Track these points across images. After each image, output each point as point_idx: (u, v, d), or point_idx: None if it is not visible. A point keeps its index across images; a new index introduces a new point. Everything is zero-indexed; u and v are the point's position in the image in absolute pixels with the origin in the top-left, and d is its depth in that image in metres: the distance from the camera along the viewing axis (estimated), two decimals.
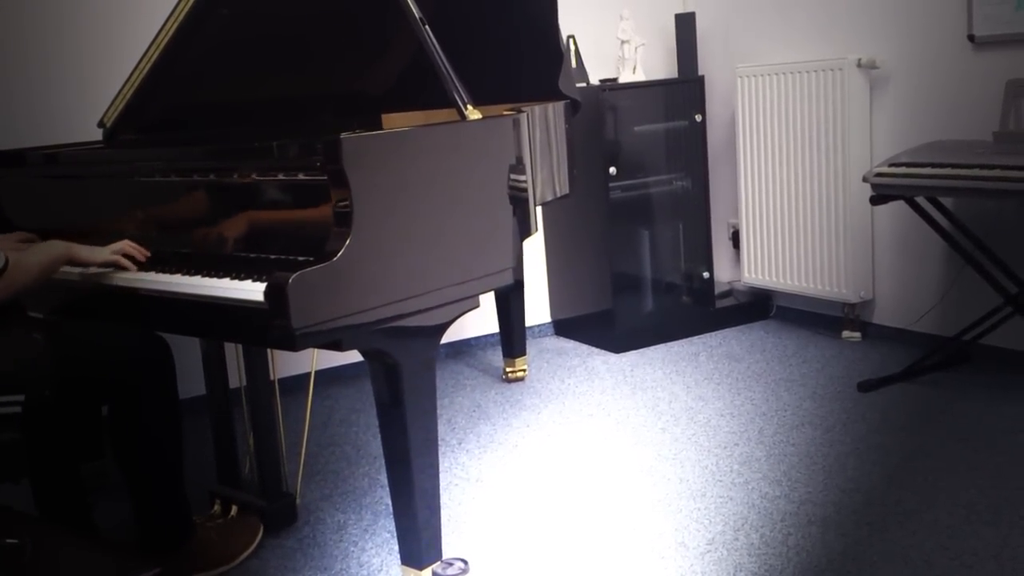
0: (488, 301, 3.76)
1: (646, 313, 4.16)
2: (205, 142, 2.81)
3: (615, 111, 3.93)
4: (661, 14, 4.33)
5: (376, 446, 3.12)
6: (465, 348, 4.18)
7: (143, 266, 2.21)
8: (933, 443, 2.83)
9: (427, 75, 2.33)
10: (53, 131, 3.07)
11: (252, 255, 2.10)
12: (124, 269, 2.19)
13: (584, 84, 3.97)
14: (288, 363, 3.38)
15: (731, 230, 4.38)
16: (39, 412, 2.05)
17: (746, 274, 4.19)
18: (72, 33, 3.30)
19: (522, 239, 2.43)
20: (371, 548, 2.49)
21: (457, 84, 2.28)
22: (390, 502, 2.23)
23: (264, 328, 1.86)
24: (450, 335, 2.74)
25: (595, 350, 4.05)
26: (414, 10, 2.29)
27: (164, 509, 2.31)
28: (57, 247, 2.18)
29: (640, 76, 4.06)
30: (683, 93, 4.08)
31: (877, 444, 2.86)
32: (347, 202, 1.91)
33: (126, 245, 2.22)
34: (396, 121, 3.12)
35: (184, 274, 2.12)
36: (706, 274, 4.22)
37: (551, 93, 2.95)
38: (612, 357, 3.93)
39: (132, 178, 2.37)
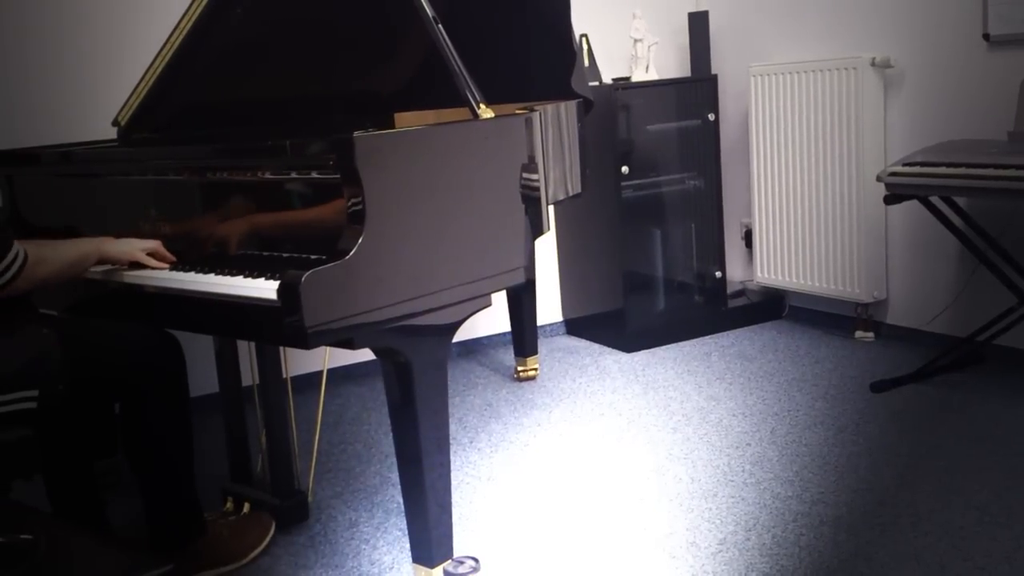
0: (500, 300, 3.76)
1: (658, 312, 4.15)
2: (218, 140, 2.82)
3: (628, 110, 3.92)
4: (674, 13, 4.32)
5: (388, 444, 3.13)
6: (477, 347, 4.18)
7: None
8: (946, 444, 2.82)
9: (440, 74, 2.33)
10: (68, 130, 3.08)
11: (265, 253, 2.11)
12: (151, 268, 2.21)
13: (597, 83, 3.97)
14: (300, 361, 3.39)
15: (744, 229, 4.37)
16: (53, 409, 2.06)
17: (758, 274, 4.18)
18: (87, 32, 3.31)
19: (534, 238, 2.43)
20: (382, 546, 2.49)
21: (470, 83, 2.28)
22: (401, 500, 2.23)
23: (277, 326, 1.86)
24: (462, 334, 2.74)
25: (607, 349, 4.05)
26: (427, 9, 2.29)
27: (175, 506, 2.32)
28: (88, 244, 2.19)
29: (653, 75, 4.05)
30: (696, 92, 4.08)
31: (889, 445, 2.85)
32: (360, 200, 1.91)
33: (158, 247, 2.23)
34: (408, 120, 3.13)
35: (197, 272, 2.13)
36: (718, 273, 4.21)
37: (564, 92, 2.95)
38: (624, 356, 3.93)
39: (146, 176, 2.38)
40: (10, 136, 3.02)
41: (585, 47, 3.96)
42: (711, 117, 4.09)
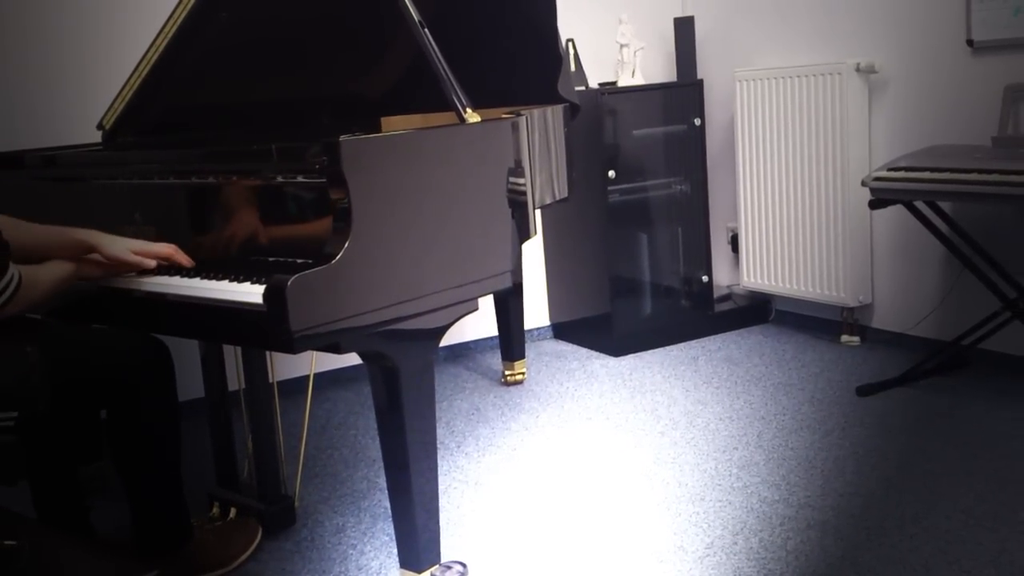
0: (487, 304, 3.76)
1: (645, 317, 4.16)
2: (204, 144, 2.81)
3: (614, 115, 3.93)
4: (660, 18, 4.33)
5: (375, 449, 3.12)
6: (464, 351, 4.18)
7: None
8: (932, 448, 2.83)
9: (426, 78, 2.33)
10: (52, 133, 3.07)
11: (251, 257, 2.10)
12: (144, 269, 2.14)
13: (583, 87, 3.98)
14: (287, 366, 3.39)
15: (730, 234, 4.39)
16: (37, 416, 2.04)
17: (745, 278, 4.19)
18: (71, 35, 3.30)
19: (521, 242, 2.43)
20: (369, 551, 2.49)
21: (456, 87, 2.28)
22: (389, 505, 2.23)
23: (263, 330, 1.85)
24: (449, 338, 2.75)
25: (594, 353, 4.05)
26: (413, 13, 2.29)
27: (162, 512, 2.30)
28: (66, 267, 2.10)
29: (639, 80, 4.06)
30: (682, 97, 4.09)
31: (875, 448, 2.86)
32: (346, 204, 1.91)
33: (144, 246, 2.13)
34: (395, 124, 3.12)
35: (183, 276, 2.12)
36: (705, 278, 4.22)
37: (550, 96, 2.96)
38: (611, 360, 3.93)
39: (130, 180, 2.37)
40: (10, 138, 3.00)
41: (571, 52, 3.97)
42: (697, 122, 4.10)
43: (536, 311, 4.29)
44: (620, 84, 4.05)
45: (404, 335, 2.06)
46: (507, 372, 3.74)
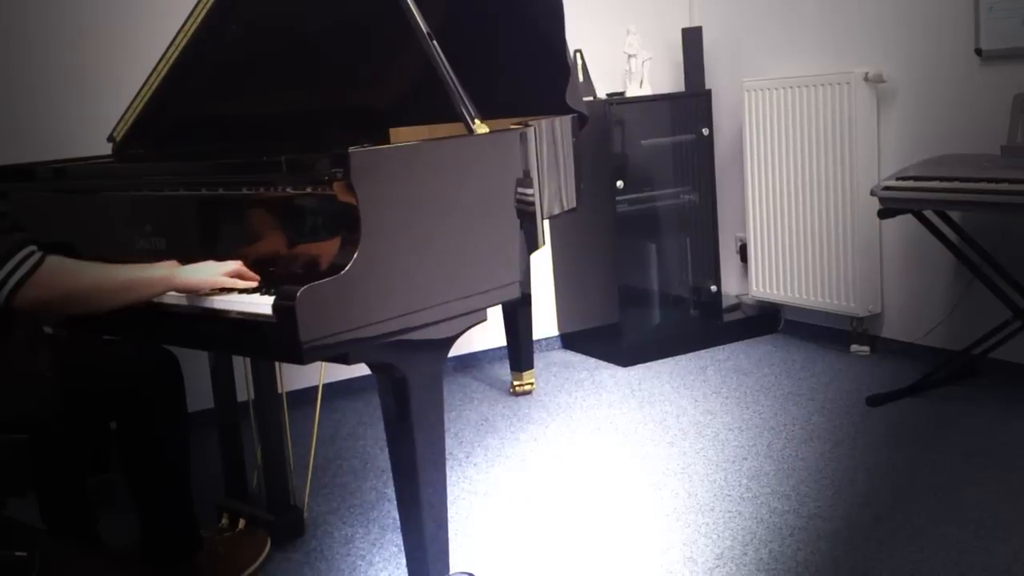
0: (495, 314, 3.76)
1: (654, 327, 4.16)
2: (214, 156, 2.82)
3: (622, 125, 3.93)
4: (668, 28, 4.34)
5: (384, 459, 3.12)
6: (472, 361, 4.18)
7: None
8: (942, 458, 2.82)
9: (434, 89, 2.34)
10: (63, 145, 3.08)
11: (260, 268, 2.10)
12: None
13: (591, 98, 3.98)
14: (296, 376, 3.38)
15: (738, 243, 4.38)
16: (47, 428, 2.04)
17: (754, 288, 4.18)
18: (82, 47, 3.32)
19: (529, 253, 2.43)
20: (378, 562, 2.48)
21: (464, 98, 2.29)
22: (397, 516, 2.23)
23: (272, 341, 1.86)
24: (457, 348, 2.74)
25: (602, 363, 4.05)
26: (422, 25, 2.30)
27: (172, 523, 2.30)
28: (126, 275, 1.98)
29: (647, 90, 4.07)
30: (690, 107, 4.09)
31: (886, 459, 2.85)
32: (355, 215, 1.91)
33: (239, 269, 2.03)
34: (403, 135, 3.13)
35: None
36: (714, 288, 4.21)
37: (558, 107, 2.96)
38: (620, 371, 3.93)
39: (140, 192, 2.38)
40: (21, 150, 3.00)
41: (579, 62, 3.97)
42: (705, 132, 4.10)
43: (545, 321, 4.29)
44: (628, 94, 4.06)
45: (413, 346, 2.06)
46: (516, 382, 3.73)
